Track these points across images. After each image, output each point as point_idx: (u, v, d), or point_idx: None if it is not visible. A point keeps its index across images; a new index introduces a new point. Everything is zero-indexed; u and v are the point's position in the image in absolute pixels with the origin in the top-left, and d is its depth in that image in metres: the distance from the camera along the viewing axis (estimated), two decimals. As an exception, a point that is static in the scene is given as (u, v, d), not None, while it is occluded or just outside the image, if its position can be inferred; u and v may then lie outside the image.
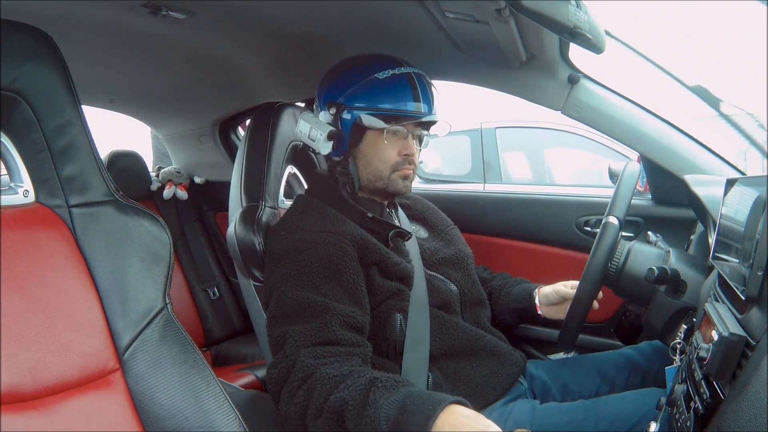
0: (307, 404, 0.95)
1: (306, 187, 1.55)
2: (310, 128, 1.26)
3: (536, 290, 1.38)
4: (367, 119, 1.21)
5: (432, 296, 1.23)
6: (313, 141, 1.25)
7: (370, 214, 1.23)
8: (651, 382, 1.24)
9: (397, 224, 1.30)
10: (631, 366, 1.28)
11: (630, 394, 1.14)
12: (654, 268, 1.11)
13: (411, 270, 1.22)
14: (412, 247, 1.29)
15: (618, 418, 1.07)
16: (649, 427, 0.90)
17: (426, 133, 1.29)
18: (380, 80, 1.21)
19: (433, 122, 1.28)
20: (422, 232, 1.41)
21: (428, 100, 1.25)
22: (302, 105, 1.62)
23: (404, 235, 1.26)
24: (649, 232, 1.37)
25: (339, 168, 1.27)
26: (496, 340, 1.27)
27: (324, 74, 1.30)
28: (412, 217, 1.43)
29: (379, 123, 1.21)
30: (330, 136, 1.23)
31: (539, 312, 1.37)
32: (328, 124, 1.25)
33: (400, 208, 1.40)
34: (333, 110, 1.24)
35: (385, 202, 1.32)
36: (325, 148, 1.24)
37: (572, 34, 0.97)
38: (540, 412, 1.14)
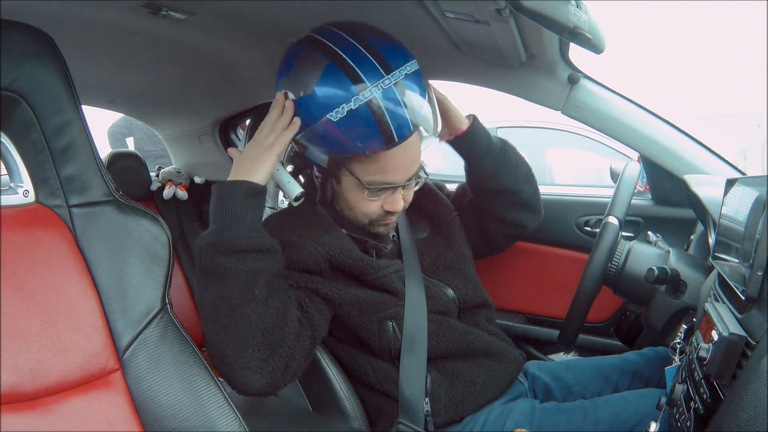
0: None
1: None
2: (279, 173, 1.11)
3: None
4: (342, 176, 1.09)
5: (430, 302, 1.20)
6: (284, 186, 1.12)
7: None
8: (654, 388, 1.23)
9: (392, 234, 1.28)
10: (634, 372, 1.26)
11: (629, 394, 1.14)
12: (654, 268, 1.11)
13: (399, 280, 1.18)
14: (409, 251, 1.26)
15: (618, 419, 1.07)
16: (649, 426, 0.90)
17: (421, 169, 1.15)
18: (335, 123, 0.98)
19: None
20: (423, 231, 1.36)
21: (407, 125, 1.01)
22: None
23: (394, 245, 1.24)
24: (649, 232, 1.37)
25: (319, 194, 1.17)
26: (493, 339, 1.26)
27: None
28: (413, 207, 1.30)
29: (357, 181, 1.07)
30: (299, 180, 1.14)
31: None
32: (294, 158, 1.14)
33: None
34: (295, 148, 1.11)
35: None
36: (293, 189, 1.10)
37: (572, 34, 0.97)
38: (539, 412, 1.14)
